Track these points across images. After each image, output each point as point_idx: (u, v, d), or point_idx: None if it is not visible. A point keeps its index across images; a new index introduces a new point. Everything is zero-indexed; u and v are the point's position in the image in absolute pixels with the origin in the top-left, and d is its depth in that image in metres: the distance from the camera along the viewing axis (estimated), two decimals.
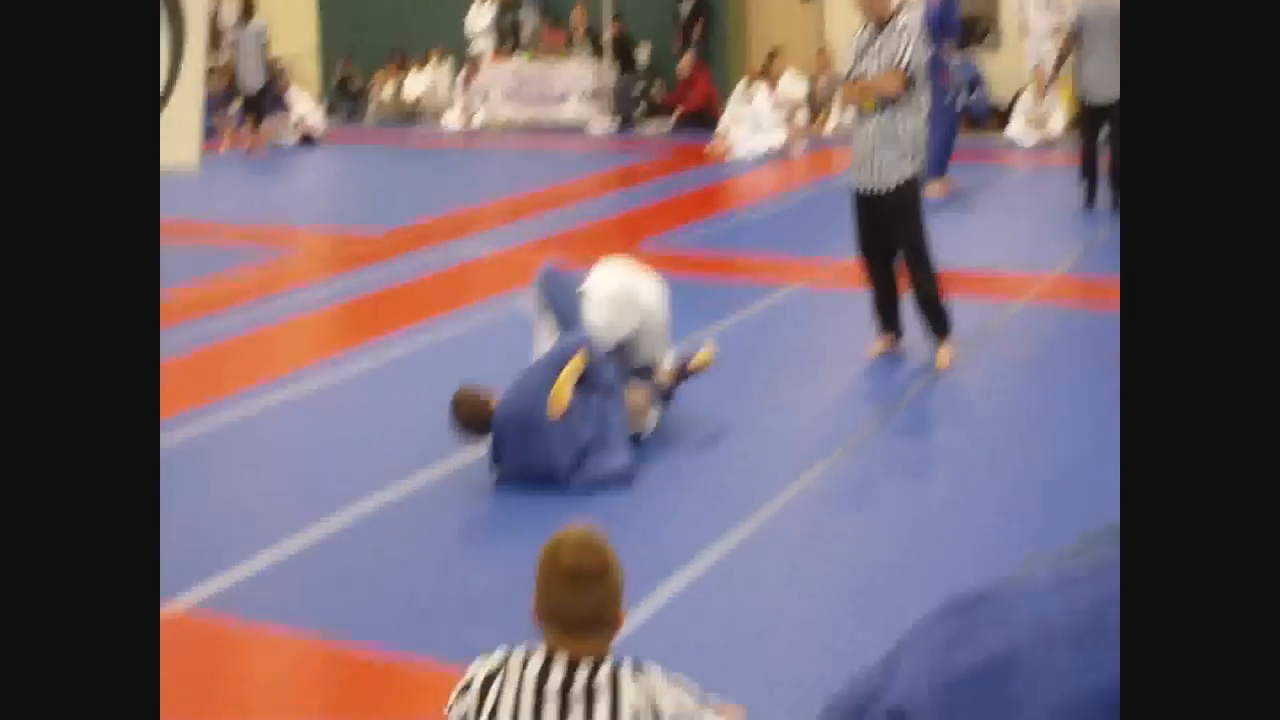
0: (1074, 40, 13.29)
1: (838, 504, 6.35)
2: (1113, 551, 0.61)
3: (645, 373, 7.16)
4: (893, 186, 8.24)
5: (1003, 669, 0.57)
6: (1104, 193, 13.20)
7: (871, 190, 8.29)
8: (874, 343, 8.58)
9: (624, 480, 6.54)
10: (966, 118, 15.04)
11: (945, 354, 8.39)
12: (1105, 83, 13.01)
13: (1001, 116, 18.80)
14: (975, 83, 18.03)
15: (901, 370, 8.30)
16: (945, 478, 6.66)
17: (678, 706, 3.09)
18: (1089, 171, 13.37)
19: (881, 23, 8.23)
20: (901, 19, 8.32)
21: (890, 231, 8.36)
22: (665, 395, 7.26)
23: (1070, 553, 0.64)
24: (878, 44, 8.20)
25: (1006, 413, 7.61)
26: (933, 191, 14.16)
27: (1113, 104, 13.09)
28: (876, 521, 6.14)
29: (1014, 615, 0.60)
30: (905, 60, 8.13)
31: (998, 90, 18.92)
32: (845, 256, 11.28)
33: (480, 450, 6.81)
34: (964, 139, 16.24)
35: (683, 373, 7.38)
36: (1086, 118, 13.46)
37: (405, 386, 8.27)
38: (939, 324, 8.45)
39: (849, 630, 5.11)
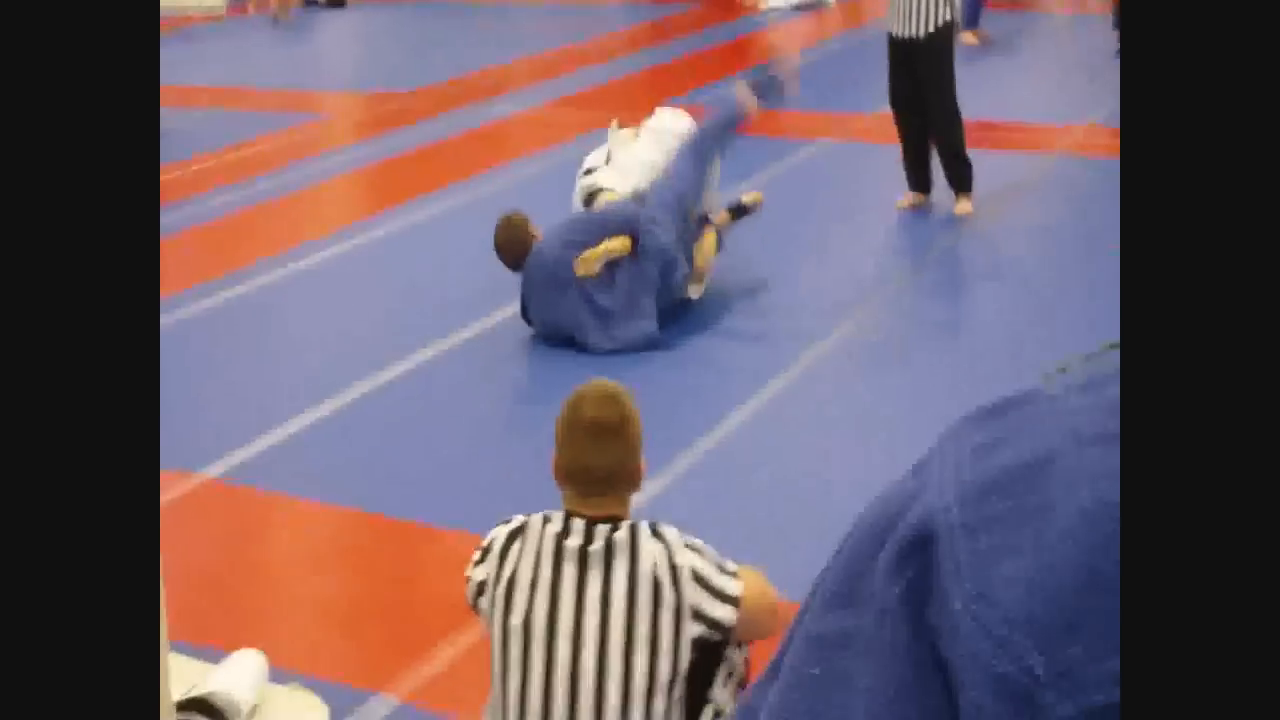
0: None
1: (867, 363, 6.38)
2: None
3: (703, 223, 7.12)
4: (929, 31, 8.19)
5: (1035, 471, 0.58)
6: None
7: (907, 36, 8.24)
8: (903, 197, 8.55)
9: (649, 345, 6.56)
10: None
11: (965, 205, 8.38)
12: None
13: None
14: None
15: (931, 225, 8.27)
16: (974, 335, 6.67)
17: (695, 568, 3.14)
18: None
19: None
20: None
21: (921, 80, 8.30)
22: (719, 242, 7.23)
23: (1097, 355, 0.65)
24: None
25: (1038, 269, 7.60)
26: (967, 40, 14.01)
27: None
28: (905, 382, 6.17)
29: (1045, 417, 0.61)
30: None
31: None
32: (877, 110, 11.20)
33: (514, 304, 6.85)
34: None
35: (738, 210, 7.38)
36: None
37: (439, 247, 8.30)
38: (962, 178, 8.42)
39: (873, 494, 5.16)
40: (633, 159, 7.28)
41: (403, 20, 18.54)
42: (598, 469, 3.17)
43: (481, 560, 3.23)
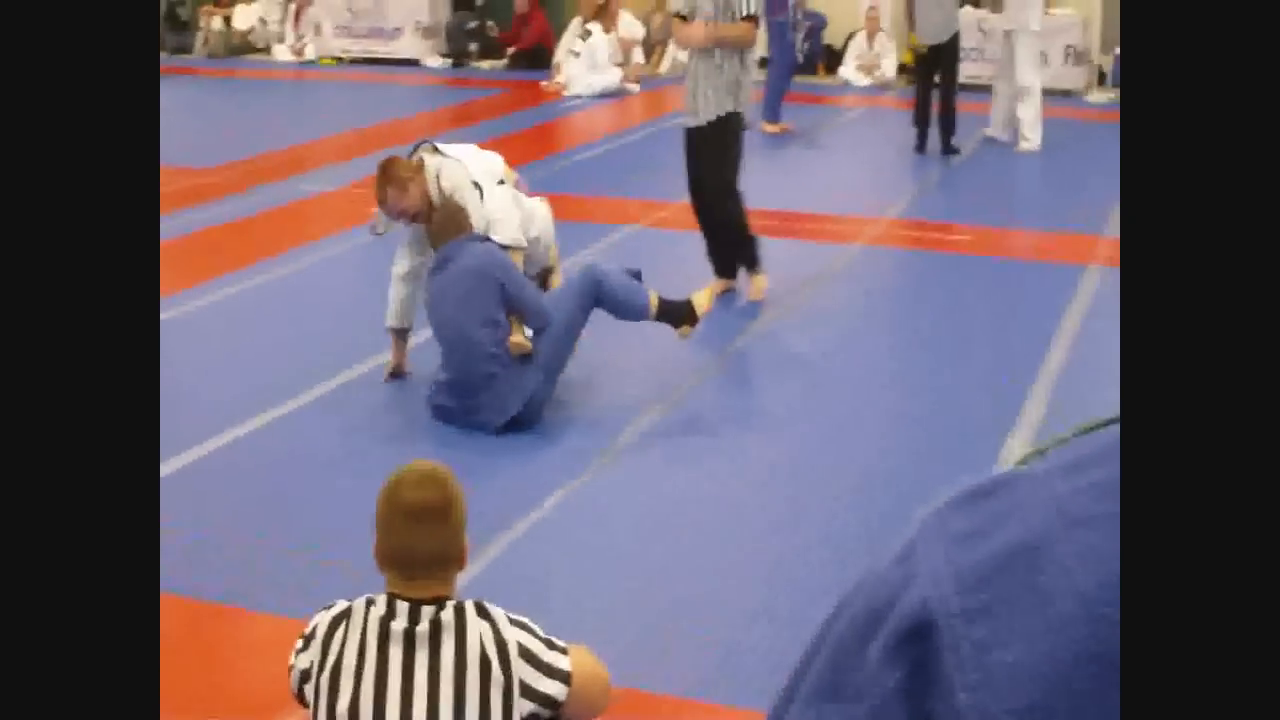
0: None
1: (677, 448, 6.39)
2: (1115, 433, 0.62)
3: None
4: (712, 120, 8.34)
5: (1027, 557, 0.58)
6: (934, 137, 13.39)
7: (695, 124, 8.42)
8: (711, 284, 8.60)
9: (483, 428, 6.45)
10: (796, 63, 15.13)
11: (759, 285, 8.53)
12: (935, 25, 13.22)
13: (834, 58, 18.95)
14: (818, 29, 18.21)
15: (735, 312, 8.35)
16: (781, 421, 6.73)
17: (523, 645, 3.08)
18: (922, 117, 13.52)
19: None
20: None
21: (703, 165, 8.47)
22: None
23: (1068, 439, 0.65)
24: None
25: (841, 357, 7.71)
26: (769, 131, 14.35)
27: (940, 46, 13.29)
28: (714, 467, 6.19)
29: (1029, 501, 0.61)
30: (753, 9, 8.23)
31: (831, 32, 19.06)
32: (681, 197, 11.33)
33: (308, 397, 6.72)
34: (797, 81, 16.34)
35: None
36: (919, 61, 13.62)
37: (238, 328, 8.12)
38: (750, 258, 8.58)
39: (684, 573, 5.16)
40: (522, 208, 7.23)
41: (205, 94, 18.29)
42: (420, 552, 3.10)
43: (304, 648, 3.14)
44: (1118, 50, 17.55)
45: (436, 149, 6.98)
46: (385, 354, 7.23)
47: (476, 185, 6.83)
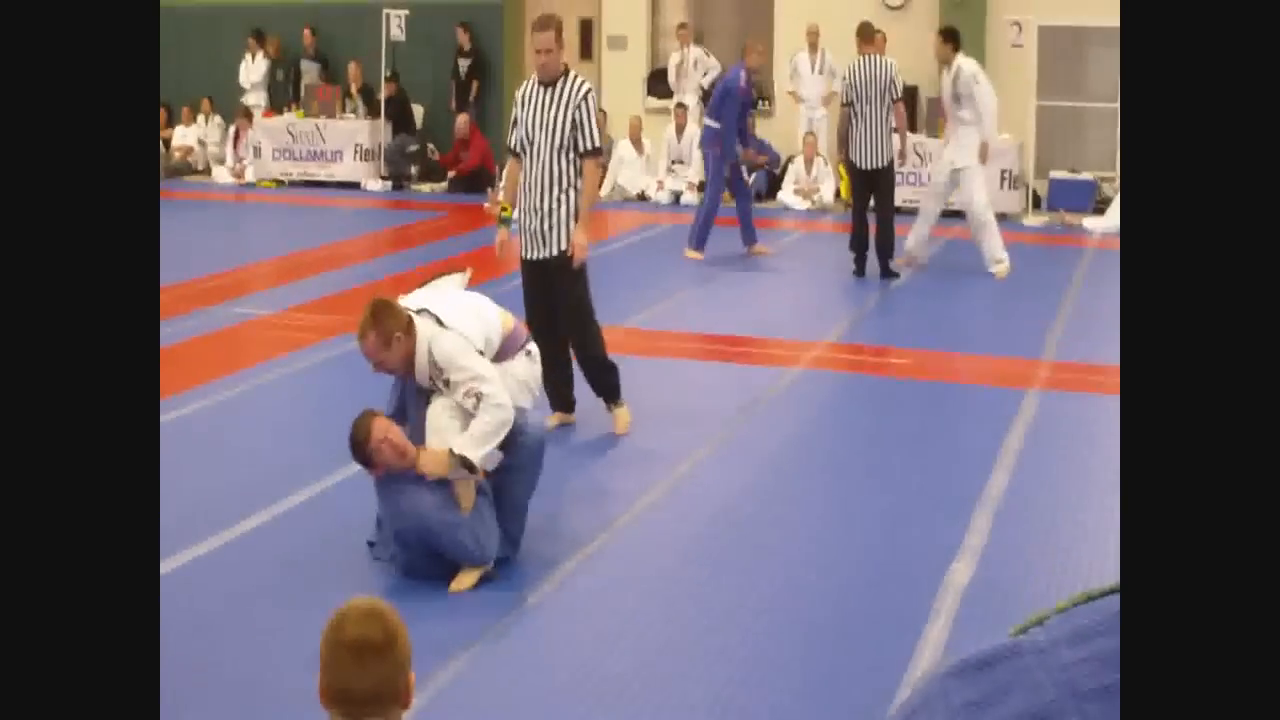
0: (847, 108, 13.61)
1: (611, 583, 6.33)
2: (1116, 603, 0.62)
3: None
4: (558, 252, 8.22)
5: None
6: (873, 261, 13.48)
7: (540, 257, 8.25)
8: (551, 416, 8.26)
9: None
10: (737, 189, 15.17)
11: (624, 419, 8.38)
12: (872, 149, 13.40)
13: (773, 182, 19.15)
14: (774, 163, 18.45)
15: (674, 437, 8.32)
16: (717, 553, 6.69)
17: None
18: (859, 242, 13.59)
19: (551, 83, 8.19)
20: (576, 82, 8.21)
21: (555, 296, 8.27)
22: None
23: (1073, 607, 0.63)
24: (548, 105, 8.14)
25: (781, 482, 7.70)
26: (689, 256, 14.38)
27: (877, 171, 13.46)
28: (647, 606, 6.14)
29: (1036, 671, 0.59)
30: (595, 140, 8.21)
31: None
32: (627, 319, 11.35)
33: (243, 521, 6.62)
34: (730, 207, 16.45)
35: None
36: (856, 184, 13.76)
37: (178, 453, 8.02)
38: (609, 386, 8.40)
39: (627, 705, 5.09)
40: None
41: None
42: (363, 690, 3.05)
43: None
44: (1052, 175, 17.83)
45: (440, 321, 6.36)
46: (326, 481, 7.16)
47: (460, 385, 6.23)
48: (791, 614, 5.87)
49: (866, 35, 13.98)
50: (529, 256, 8.32)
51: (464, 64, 21.02)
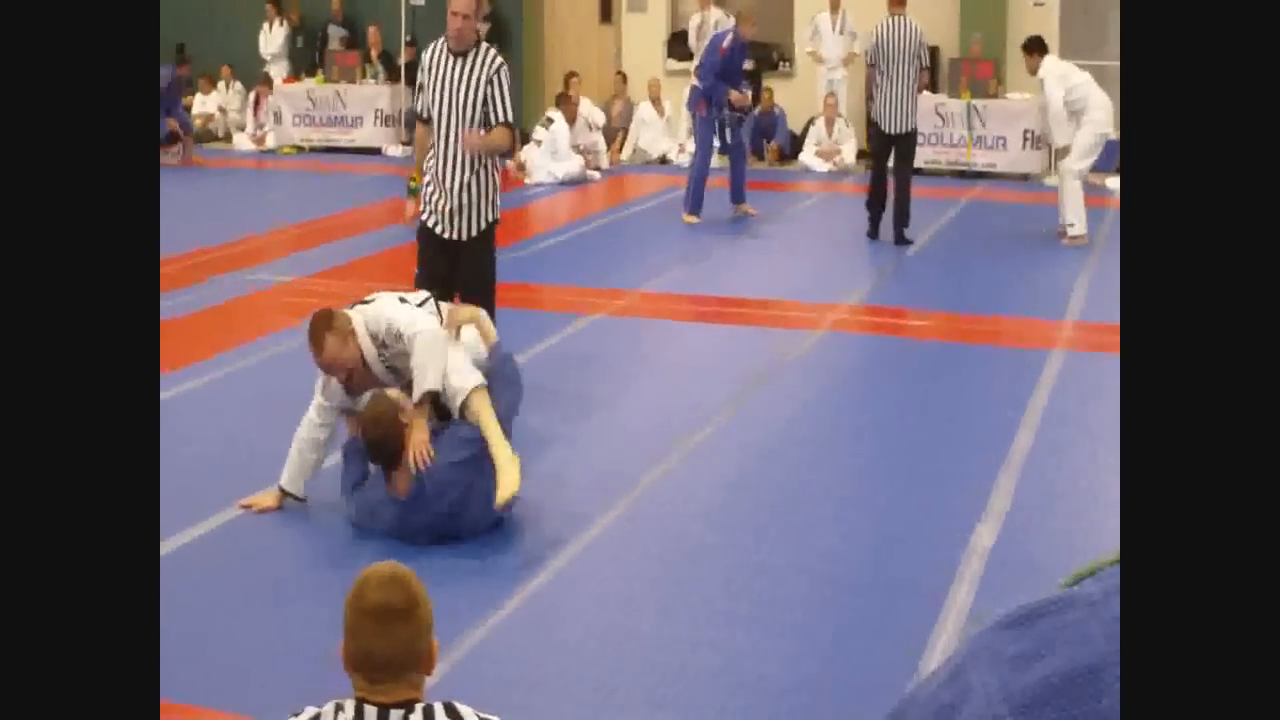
0: (872, 70, 13.53)
1: (635, 546, 6.32)
2: None
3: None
4: (476, 233, 7.97)
5: (1089, 680, 0.55)
6: (887, 224, 13.40)
7: (450, 238, 7.95)
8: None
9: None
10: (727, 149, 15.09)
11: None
12: (898, 112, 13.27)
13: (795, 144, 19.09)
14: (777, 121, 18.41)
15: (694, 400, 8.30)
16: (741, 515, 6.67)
17: None
18: (875, 202, 13.51)
19: (463, 53, 7.80)
20: (488, 56, 7.84)
21: (457, 272, 7.97)
22: None
23: (1115, 560, 0.63)
24: (459, 78, 7.77)
25: (805, 444, 7.68)
26: (749, 211, 14.44)
27: (900, 135, 13.34)
28: (670, 566, 6.13)
29: (1084, 624, 0.58)
30: (509, 114, 7.81)
31: (791, 119, 19.22)
32: (643, 285, 11.33)
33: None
34: (758, 169, 16.44)
35: None
36: (877, 146, 13.66)
37: (202, 421, 8.02)
38: None
39: (652, 671, 5.08)
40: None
41: (165, 183, 18.23)
42: (385, 655, 3.05)
43: None
44: None
45: (354, 305, 6.52)
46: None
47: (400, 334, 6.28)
48: (814, 578, 5.85)
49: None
50: (437, 231, 7.95)
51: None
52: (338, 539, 6.28)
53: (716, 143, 14.71)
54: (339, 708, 3.05)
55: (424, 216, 8.04)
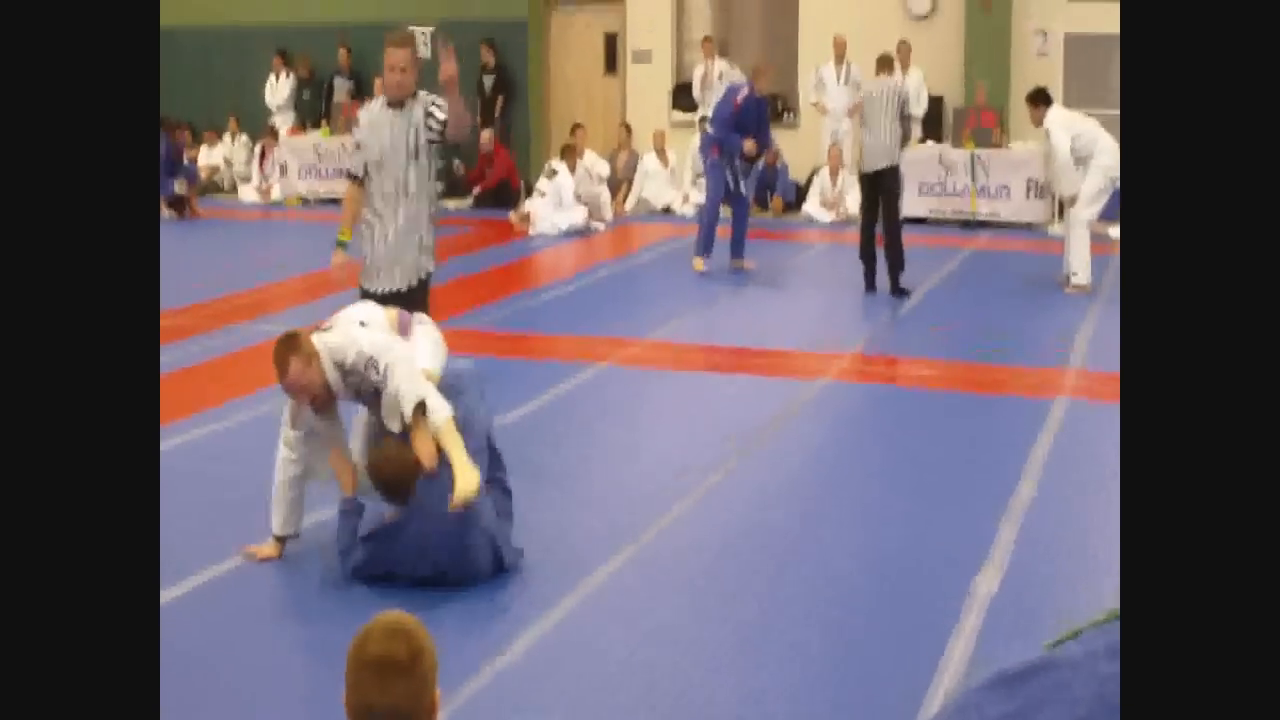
0: (858, 115, 13.77)
1: (640, 594, 6.33)
2: None
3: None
4: (416, 283, 7.95)
5: None
6: (883, 275, 13.36)
7: (391, 290, 7.86)
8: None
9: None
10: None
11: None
12: (878, 153, 13.37)
13: (799, 194, 19.17)
14: (782, 172, 18.53)
15: (703, 445, 8.32)
16: (746, 564, 6.69)
17: None
18: (867, 253, 13.46)
19: (400, 104, 7.80)
20: (422, 98, 7.83)
21: None
22: None
23: (1109, 621, 0.64)
24: (398, 128, 7.77)
25: (808, 493, 7.69)
26: (746, 266, 14.42)
27: (880, 172, 13.35)
28: (688, 603, 6.14)
29: (1071, 685, 0.60)
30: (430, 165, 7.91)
31: (795, 169, 19.30)
32: (649, 335, 11.37)
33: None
34: (763, 219, 16.51)
35: None
36: (864, 190, 13.70)
37: (212, 469, 8.05)
38: None
39: (664, 714, 5.09)
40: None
41: (171, 235, 18.32)
42: (386, 707, 3.04)
43: None
44: None
45: (313, 332, 6.54)
46: None
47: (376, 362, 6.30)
48: (819, 625, 5.86)
49: (882, 63, 14.13)
50: (377, 290, 7.84)
51: (488, 80, 21.08)
52: (338, 588, 6.29)
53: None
54: None
55: (361, 281, 7.99)
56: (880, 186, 13.42)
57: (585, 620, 5.99)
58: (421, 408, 6.24)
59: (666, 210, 19.51)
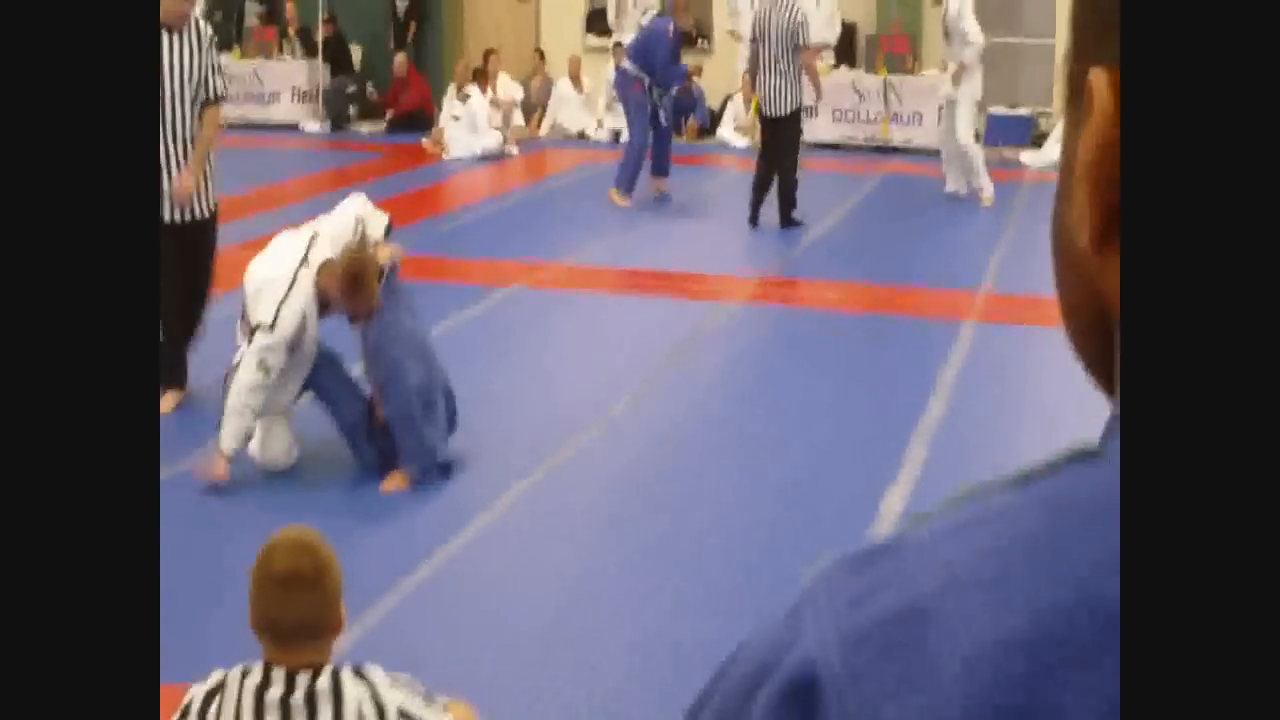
0: (754, 45, 13.20)
1: (548, 519, 6.36)
2: (1005, 497, 0.63)
3: None
4: (208, 214, 7.82)
5: (915, 618, 0.58)
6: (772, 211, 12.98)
7: (188, 219, 7.69)
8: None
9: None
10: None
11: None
12: (774, 95, 12.79)
13: (713, 119, 19.16)
14: (697, 97, 18.42)
15: (613, 373, 8.35)
16: (655, 488, 6.73)
17: (403, 709, 3.06)
18: (759, 184, 12.96)
19: (179, 29, 7.46)
20: (201, 27, 7.67)
21: (197, 262, 7.87)
22: None
23: (956, 502, 0.65)
24: (182, 54, 7.46)
25: (717, 417, 7.74)
26: (620, 202, 14.20)
27: (780, 119, 12.79)
28: (584, 538, 6.18)
29: (917, 564, 0.61)
30: (224, 88, 7.79)
31: (710, 95, 19.27)
32: (563, 257, 11.36)
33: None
34: (677, 144, 16.47)
35: None
36: (763, 128, 13.25)
37: None
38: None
39: (563, 638, 5.13)
40: None
41: None
42: (292, 621, 3.06)
43: None
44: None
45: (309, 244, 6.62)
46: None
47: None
48: (724, 548, 5.92)
49: None
50: (173, 219, 7.56)
51: (401, 4, 20.85)
52: (259, 513, 6.27)
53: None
54: (245, 672, 3.06)
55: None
56: (777, 132, 12.89)
57: (493, 542, 6.01)
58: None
59: (581, 135, 19.44)
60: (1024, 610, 0.66)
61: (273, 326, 6.26)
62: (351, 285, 6.24)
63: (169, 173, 7.54)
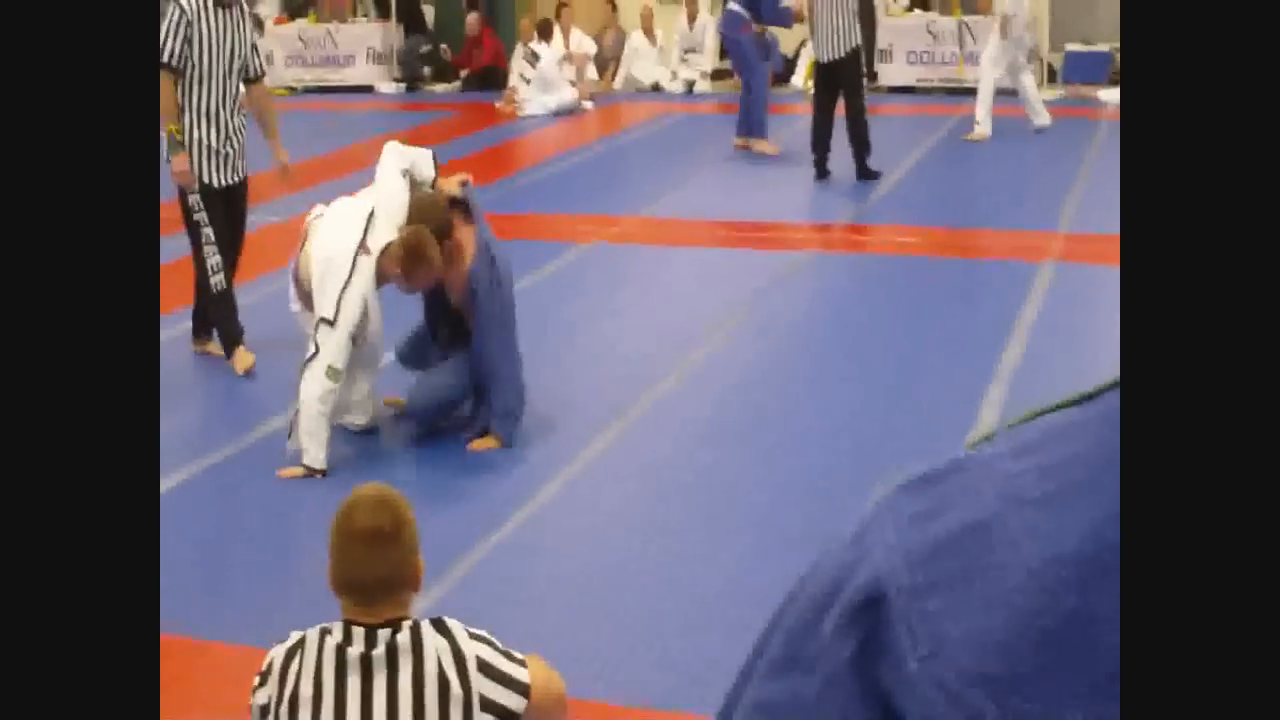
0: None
1: (631, 466, 6.40)
2: (1061, 418, 0.65)
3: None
4: (246, 175, 8.16)
5: (977, 534, 0.60)
6: (847, 162, 12.76)
7: (235, 181, 8.12)
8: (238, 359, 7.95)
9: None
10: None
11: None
12: (828, 39, 12.37)
13: (789, 66, 19.02)
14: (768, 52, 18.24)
15: (692, 319, 8.35)
16: (737, 432, 6.75)
17: (481, 658, 3.10)
18: (819, 142, 12.64)
19: (229, 5, 7.72)
20: (245, 4, 7.86)
21: (238, 217, 8.27)
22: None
23: (1020, 422, 0.67)
24: (228, 28, 7.74)
25: (798, 362, 7.75)
26: (767, 148, 14.07)
27: (835, 63, 12.41)
28: (681, 479, 6.21)
29: (980, 483, 0.63)
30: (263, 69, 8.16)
31: (784, 42, 19.11)
32: (637, 211, 11.37)
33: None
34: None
35: None
36: (819, 80, 12.83)
37: (180, 371, 8.10)
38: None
39: (648, 588, 5.17)
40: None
41: None
42: (374, 577, 3.11)
43: (262, 683, 3.14)
44: (1068, 48, 17.64)
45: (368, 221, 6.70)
46: None
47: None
48: (803, 494, 5.93)
49: None
50: (224, 182, 7.94)
51: None
52: (337, 471, 6.36)
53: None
54: (325, 631, 3.11)
55: (202, 175, 7.91)
56: (837, 78, 12.45)
57: (576, 496, 6.06)
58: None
59: (655, 87, 19.38)
60: (1079, 532, 0.68)
61: (334, 320, 6.33)
62: (413, 263, 6.28)
63: (220, 133, 7.90)
